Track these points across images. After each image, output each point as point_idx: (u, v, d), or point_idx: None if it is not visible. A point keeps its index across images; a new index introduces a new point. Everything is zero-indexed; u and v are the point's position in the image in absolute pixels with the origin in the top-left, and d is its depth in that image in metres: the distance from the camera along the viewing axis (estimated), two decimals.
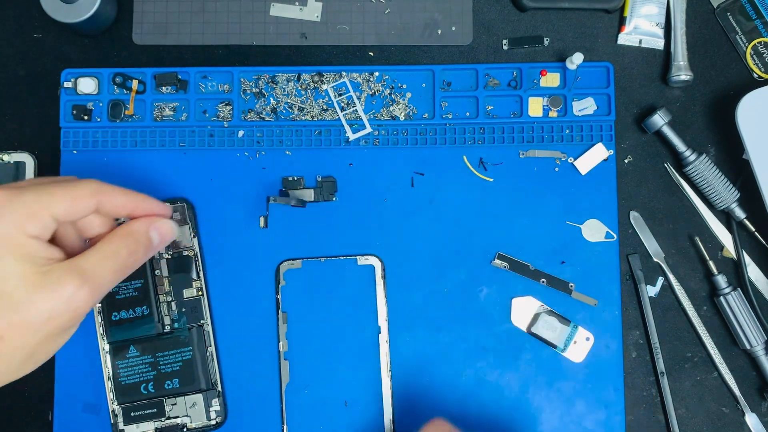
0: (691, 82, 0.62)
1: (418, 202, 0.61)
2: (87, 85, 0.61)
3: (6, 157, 0.61)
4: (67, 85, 0.61)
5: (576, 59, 0.60)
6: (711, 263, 0.61)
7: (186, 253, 0.59)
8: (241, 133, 0.61)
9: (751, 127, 0.58)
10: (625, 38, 0.63)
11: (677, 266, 0.61)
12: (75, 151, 0.61)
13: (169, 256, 0.58)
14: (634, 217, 0.62)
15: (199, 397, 0.57)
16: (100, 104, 0.61)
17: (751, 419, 0.60)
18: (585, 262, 0.60)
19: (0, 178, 0.61)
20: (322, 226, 0.61)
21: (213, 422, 0.58)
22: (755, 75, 0.63)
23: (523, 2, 0.62)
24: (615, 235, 0.61)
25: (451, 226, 0.61)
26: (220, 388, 0.58)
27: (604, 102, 0.62)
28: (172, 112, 0.62)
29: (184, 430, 0.57)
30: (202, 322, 0.58)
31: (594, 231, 0.61)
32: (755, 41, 0.63)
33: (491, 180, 0.61)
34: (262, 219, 0.60)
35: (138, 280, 0.57)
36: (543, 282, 0.60)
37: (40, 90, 0.62)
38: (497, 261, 0.60)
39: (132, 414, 0.57)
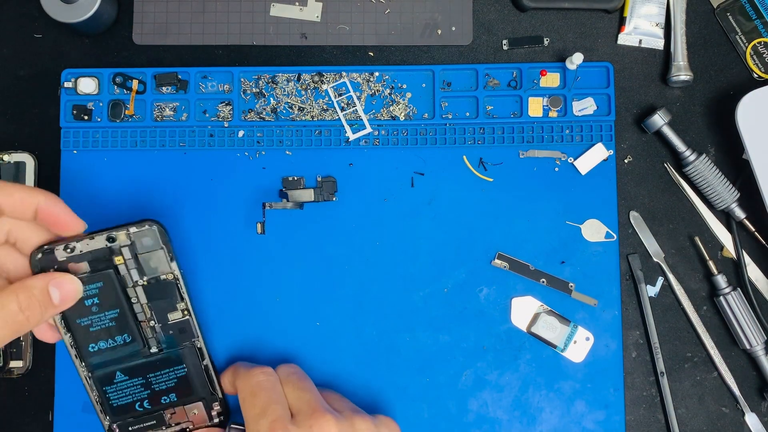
0: (691, 82, 0.62)
1: (418, 202, 0.61)
2: (87, 85, 0.61)
3: (6, 157, 0.61)
4: (67, 85, 0.61)
5: (576, 59, 0.60)
6: (711, 263, 0.61)
7: (164, 277, 0.52)
8: (241, 133, 0.61)
9: (751, 127, 0.58)
10: (625, 38, 0.63)
11: (677, 266, 0.61)
12: (75, 151, 0.61)
13: (145, 282, 0.52)
14: (634, 217, 0.62)
15: (199, 405, 0.56)
16: (100, 104, 0.61)
17: (751, 419, 0.60)
18: (585, 262, 0.60)
19: (0, 178, 0.61)
20: (322, 227, 0.61)
21: (216, 421, 0.56)
22: (755, 75, 0.63)
23: (523, 2, 0.62)
24: (615, 235, 0.61)
25: (451, 226, 0.61)
26: (220, 394, 0.56)
27: (604, 102, 0.62)
28: (172, 112, 0.62)
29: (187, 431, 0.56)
30: (193, 340, 0.54)
31: (594, 231, 0.61)
32: (755, 41, 0.63)
33: (491, 180, 0.61)
34: (259, 225, 0.59)
35: (113, 311, 0.52)
36: (543, 282, 0.60)
37: (40, 90, 0.62)
38: (497, 261, 0.60)
39: (130, 429, 0.55)
